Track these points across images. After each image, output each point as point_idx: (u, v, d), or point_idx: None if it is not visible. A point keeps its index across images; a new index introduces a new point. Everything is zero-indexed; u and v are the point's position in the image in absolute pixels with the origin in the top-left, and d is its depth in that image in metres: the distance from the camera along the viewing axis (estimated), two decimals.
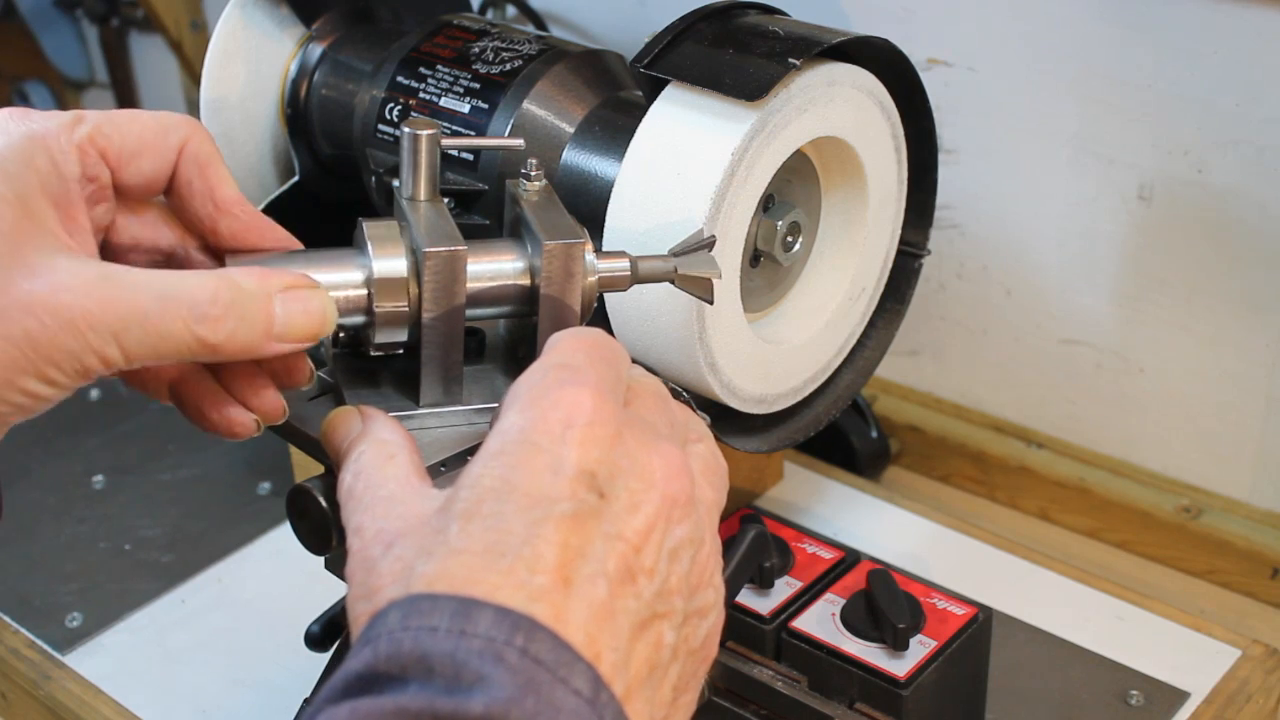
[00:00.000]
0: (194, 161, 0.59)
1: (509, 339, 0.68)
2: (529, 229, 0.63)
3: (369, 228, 0.61)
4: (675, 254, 0.66)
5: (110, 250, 0.60)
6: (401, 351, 0.63)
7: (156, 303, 0.53)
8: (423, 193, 0.64)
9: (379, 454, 0.55)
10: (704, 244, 0.66)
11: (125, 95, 1.64)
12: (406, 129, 0.64)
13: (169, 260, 0.61)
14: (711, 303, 0.68)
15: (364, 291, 0.60)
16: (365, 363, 0.65)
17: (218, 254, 0.61)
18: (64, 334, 0.52)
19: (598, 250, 0.64)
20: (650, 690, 0.48)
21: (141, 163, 0.58)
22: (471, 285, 0.62)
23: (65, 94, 1.71)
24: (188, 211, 0.60)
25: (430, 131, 0.63)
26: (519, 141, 0.69)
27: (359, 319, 0.61)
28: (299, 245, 0.62)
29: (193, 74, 1.49)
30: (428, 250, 0.60)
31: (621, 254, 0.65)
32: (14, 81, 1.72)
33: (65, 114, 0.57)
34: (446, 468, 0.61)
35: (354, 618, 0.49)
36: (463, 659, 0.44)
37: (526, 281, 0.63)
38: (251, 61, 0.89)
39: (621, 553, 0.48)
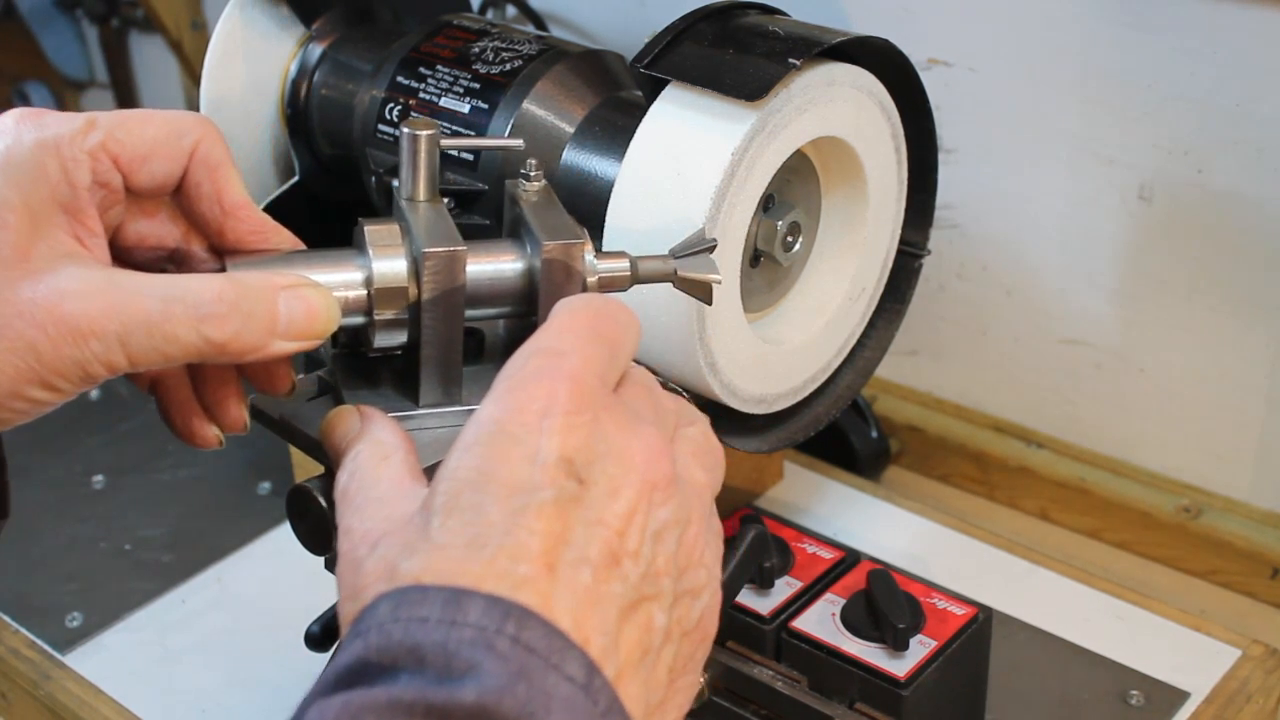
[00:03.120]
0: (204, 164, 0.59)
1: (507, 339, 0.68)
2: (528, 229, 0.63)
3: (369, 229, 0.61)
4: (675, 255, 0.66)
5: (116, 247, 0.59)
6: (400, 352, 0.63)
7: (161, 305, 0.53)
8: (422, 193, 0.64)
9: (374, 454, 0.55)
10: (705, 246, 0.66)
11: (125, 95, 1.63)
12: (405, 129, 0.63)
13: (172, 257, 0.61)
14: (710, 304, 0.68)
15: (364, 292, 0.60)
16: (364, 363, 0.65)
17: (222, 253, 0.61)
18: (68, 343, 0.52)
19: (597, 250, 0.64)
20: (644, 673, 0.48)
21: (153, 166, 0.58)
22: (471, 286, 0.62)
23: (65, 94, 1.71)
24: (195, 212, 0.60)
25: (429, 132, 0.63)
26: (519, 142, 0.69)
27: (359, 319, 0.61)
28: (303, 247, 0.62)
29: (193, 74, 1.49)
30: (427, 250, 0.60)
31: (621, 254, 0.65)
32: (14, 81, 1.72)
33: (78, 118, 0.57)
34: None
35: (343, 618, 0.49)
36: (454, 648, 0.44)
37: (526, 282, 0.63)
38: (251, 61, 0.89)
39: (604, 538, 0.48)
